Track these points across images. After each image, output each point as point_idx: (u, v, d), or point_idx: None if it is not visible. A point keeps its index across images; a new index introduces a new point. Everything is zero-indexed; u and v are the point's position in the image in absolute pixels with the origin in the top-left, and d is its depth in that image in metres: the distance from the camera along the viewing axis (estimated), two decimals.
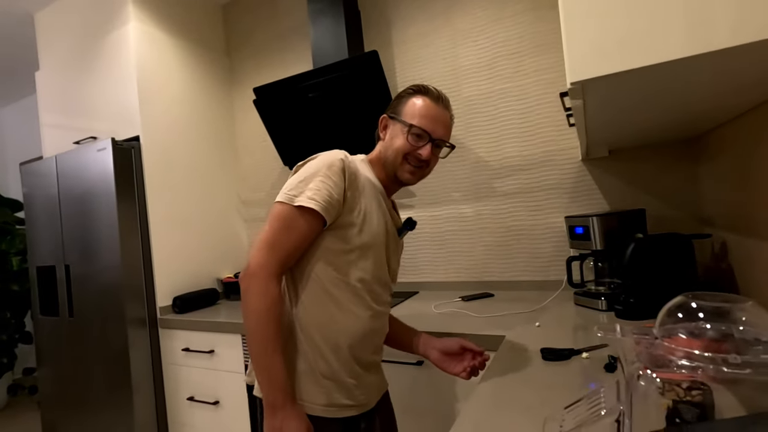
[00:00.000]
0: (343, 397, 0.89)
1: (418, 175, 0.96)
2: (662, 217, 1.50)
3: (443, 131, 0.95)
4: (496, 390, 0.86)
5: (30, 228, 2.22)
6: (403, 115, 0.94)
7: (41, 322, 2.20)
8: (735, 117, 1.05)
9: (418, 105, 0.93)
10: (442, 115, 0.94)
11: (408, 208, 1.98)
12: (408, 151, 0.92)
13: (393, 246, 0.99)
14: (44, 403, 2.23)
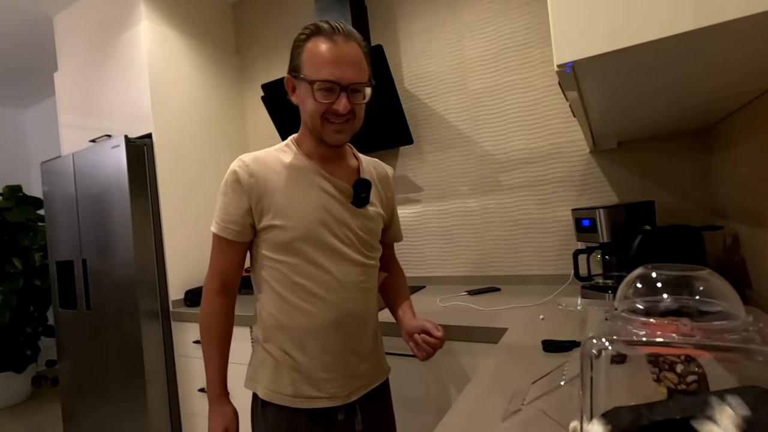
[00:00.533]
0: (312, 389, 0.87)
1: (347, 130, 0.85)
2: (673, 209, 1.46)
3: (354, 72, 0.79)
4: (493, 379, 0.85)
5: (49, 224, 2.30)
6: (303, 71, 0.80)
7: (61, 315, 2.28)
8: (744, 104, 1.02)
9: (315, 52, 0.79)
10: (347, 54, 0.79)
11: (415, 202, 1.98)
12: (323, 111, 0.81)
13: (349, 217, 0.88)
14: (64, 394, 2.31)
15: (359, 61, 0.81)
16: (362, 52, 0.83)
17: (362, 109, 0.86)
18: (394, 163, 2.02)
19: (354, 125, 0.86)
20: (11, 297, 3.02)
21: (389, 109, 1.80)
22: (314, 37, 0.80)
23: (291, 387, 0.87)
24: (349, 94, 0.80)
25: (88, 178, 2.08)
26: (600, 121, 1.11)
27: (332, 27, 0.79)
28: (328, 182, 0.88)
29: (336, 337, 0.88)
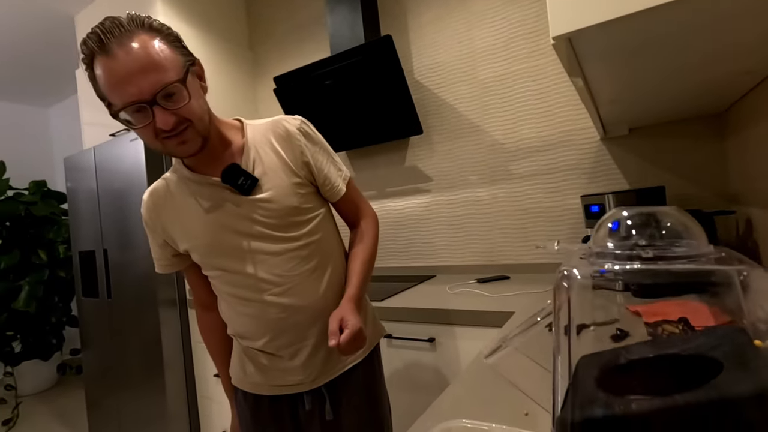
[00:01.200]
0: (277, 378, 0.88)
1: (190, 137, 0.72)
2: (686, 195, 1.44)
3: (149, 81, 0.64)
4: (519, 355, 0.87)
5: (73, 217, 2.39)
6: (109, 101, 0.68)
7: (84, 303, 2.37)
8: (756, 84, 1.01)
9: (102, 79, 0.65)
10: (129, 64, 0.63)
11: (424, 192, 1.99)
12: (151, 136, 0.69)
13: (248, 209, 0.81)
14: (87, 380, 2.40)
15: (150, 62, 0.65)
16: (151, 49, 0.66)
17: (191, 103, 0.70)
18: (404, 153, 2.04)
19: (197, 125, 0.73)
20: (37, 288, 3.14)
21: (398, 100, 1.81)
22: (94, 60, 0.66)
23: (256, 375, 0.90)
24: (162, 105, 0.66)
25: (108, 172, 2.15)
26: (609, 106, 1.11)
27: (102, 36, 0.64)
28: (201, 186, 0.82)
29: (287, 330, 0.84)
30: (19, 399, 3.21)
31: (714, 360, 0.25)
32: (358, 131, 1.99)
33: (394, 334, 1.42)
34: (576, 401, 0.27)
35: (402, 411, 1.43)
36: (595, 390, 0.27)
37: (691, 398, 0.22)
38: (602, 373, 0.29)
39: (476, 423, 0.47)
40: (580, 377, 0.30)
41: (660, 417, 0.22)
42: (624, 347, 0.31)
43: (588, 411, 0.25)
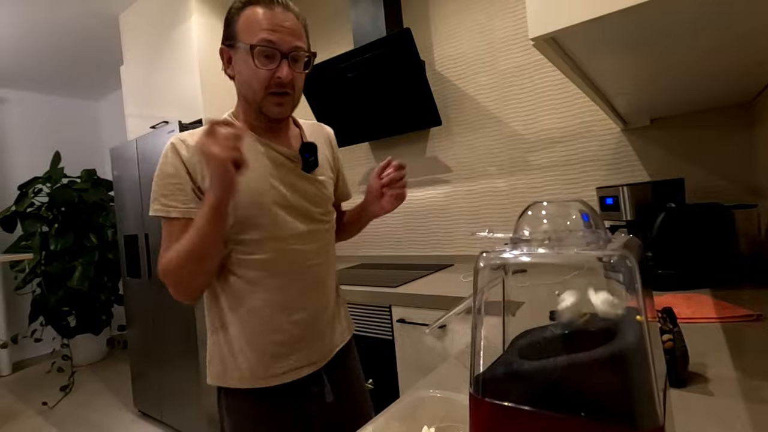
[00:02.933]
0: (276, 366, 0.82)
1: (288, 103, 0.81)
2: (708, 188, 1.40)
3: (294, 39, 0.77)
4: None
5: (118, 203, 2.59)
6: (239, 38, 0.77)
7: (129, 283, 2.57)
8: None
9: (252, 18, 0.76)
10: (286, 20, 0.76)
11: (443, 183, 2.02)
12: (264, 79, 0.76)
13: (300, 183, 0.86)
14: (132, 354, 2.62)
15: (299, 30, 0.79)
16: (301, 25, 0.80)
17: (302, 79, 0.82)
18: (424, 144, 2.07)
19: (295, 98, 0.82)
20: (89, 268, 3.42)
21: (418, 91, 1.84)
22: (250, 6, 0.77)
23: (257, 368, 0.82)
24: (290, 62, 0.77)
25: (148, 162, 2.32)
26: (620, 98, 1.10)
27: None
28: (275, 151, 0.84)
29: (302, 305, 0.85)
30: (74, 368, 3.53)
31: (613, 333, 0.29)
32: (379, 122, 2.04)
33: (406, 320, 1.48)
34: (494, 365, 0.31)
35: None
36: (513, 356, 0.31)
37: (565, 361, 0.26)
38: (528, 344, 0.34)
39: (447, 393, 0.52)
40: (511, 348, 0.34)
41: (541, 372, 0.26)
42: (556, 324, 0.35)
43: (494, 371, 0.30)
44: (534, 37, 0.57)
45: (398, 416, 0.50)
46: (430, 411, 0.53)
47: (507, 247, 0.34)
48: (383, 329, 1.56)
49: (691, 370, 0.63)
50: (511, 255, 0.33)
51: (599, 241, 0.30)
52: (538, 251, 0.32)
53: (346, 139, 2.17)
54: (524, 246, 0.33)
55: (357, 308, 1.63)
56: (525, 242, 0.33)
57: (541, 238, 0.32)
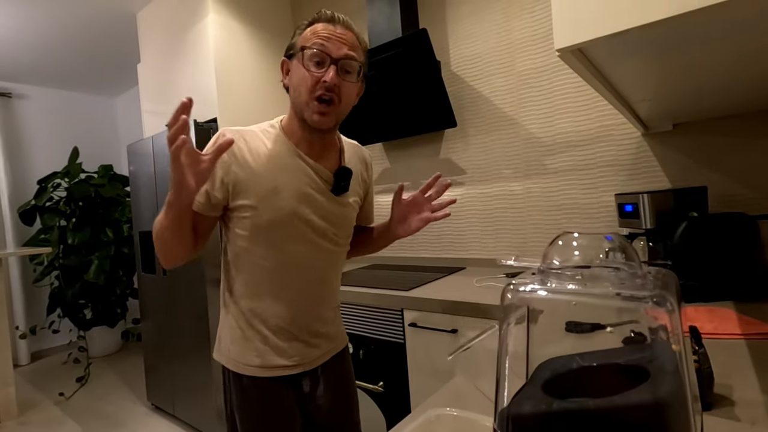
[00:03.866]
0: (279, 358, 0.88)
1: (331, 113, 0.81)
2: (732, 197, 1.36)
3: (346, 48, 0.80)
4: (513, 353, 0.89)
5: (134, 199, 2.62)
6: (296, 47, 0.82)
7: (143, 278, 2.61)
8: None
9: (312, 30, 0.81)
10: (342, 34, 0.80)
11: (458, 185, 2.00)
12: (311, 83, 0.78)
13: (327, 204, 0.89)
14: (146, 347, 2.66)
15: (354, 44, 0.81)
16: (358, 43, 0.83)
17: (351, 91, 0.82)
18: (438, 146, 2.05)
19: (339, 110, 0.82)
20: (105, 262, 3.48)
21: (433, 92, 1.82)
22: (316, 23, 0.82)
23: (258, 358, 0.88)
24: (338, 70, 0.79)
25: (164, 158, 2.34)
26: (643, 104, 1.07)
27: (331, 14, 0.82)
28: (309, 167, 0.86)
29: (302, 309, 0.90)
30: (90, 360, 3.60)
31: (645, 370, 0.28)
32: (394, 123, 2.03)
33: (418, 324, 1.47)
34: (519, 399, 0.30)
35: (423, 397, 1.49)
36: (537, 390, 0.30)
37: (602, 404, 0.25)
38: (552, 376, 0.33)
39: (463, 412, 0.51)
40: (534, 378, 0.33)
41: (573, 416, 0.25)
42: (579, 354, 0.34)
43: (521, 407, 0.29)
44: (560, 48, 0.56)
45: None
46: (444, 429, 0.52)
47: (535, 277, 0.33)
48: (394, 332, 1.55)
49: (716, 392, 0.62)
50: (543, 293, 0.31)
51: (635, 278, 0.29)
52: (569, 287, 0.31)
53: (359, 139, 2.16)
54: (554, 279, 0.32)
55: (368, 310, 1.62)
56: (555, 274, 0.32)
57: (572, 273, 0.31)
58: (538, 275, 0.33)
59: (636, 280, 0.29)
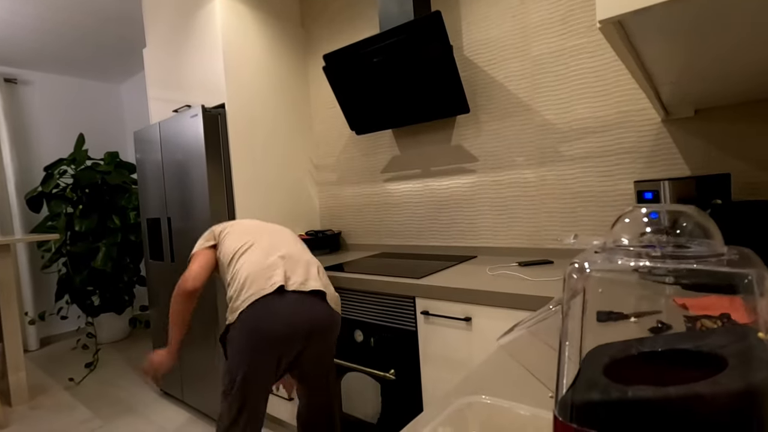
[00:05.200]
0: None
1: None
2: (756, 185, 1.33)
3: None
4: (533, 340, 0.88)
5: (141, 186, 2.61)
6: None
7: (151, 265, 2.61)
8: None
9: None
10: None
11: (470, 172, 1.97)
12: None
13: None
14: (154, 334, 2.67)
15: None
16: None
17: None
18: (450, 132, 2.02)
19: None
20: (112, 249, 3.49)
21: (446, 77, 1.78)
22: None
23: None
24: None
25: (171, 145, 2.32)
26: (669, 87, 1.03)
27: None
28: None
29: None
30: (98, 346, 3.63)
31: (720, 357, 0.26)
32: (404, 109, 1.99)
33: (431, 312, 1.46)
34: (580, 386, 0.28)
35: (434, 385, 1.48)
36: (599, 376, 0.28)
37: (684, 391, 0.23)
38: (611, 362, 0.31)
39: (496, 400, 0.50)
40: (589, 364, 0.31)
41: (651, 406, 0.23)
42: (638, 339, 0.32)
43: (587, 395, 0.27)
44: (602, 19, 0.53)
45: (448, 422, 0.48)
46: (477, 417, 0.50)
47: (601, 255, 0.31)
48: (406, 320, 1.54)
49: None
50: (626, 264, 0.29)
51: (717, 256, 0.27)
52: (643, 264, 0.28)
53: (368, 125, 2.14)
54: (623, 257, 0.29)
55: (380, 298, 1.61)
56: (625, 252, 0.29)
57: (645, 251, 0.29)
58: (604, 253, 0.31)
59: (721, 258, 0.27)
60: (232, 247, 1.45)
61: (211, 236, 1.56)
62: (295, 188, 2.54)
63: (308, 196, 2.62)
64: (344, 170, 2.48)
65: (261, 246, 1.44)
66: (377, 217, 2.36)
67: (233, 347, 1.28)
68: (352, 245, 2.50)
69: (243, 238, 1.47)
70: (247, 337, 1.26)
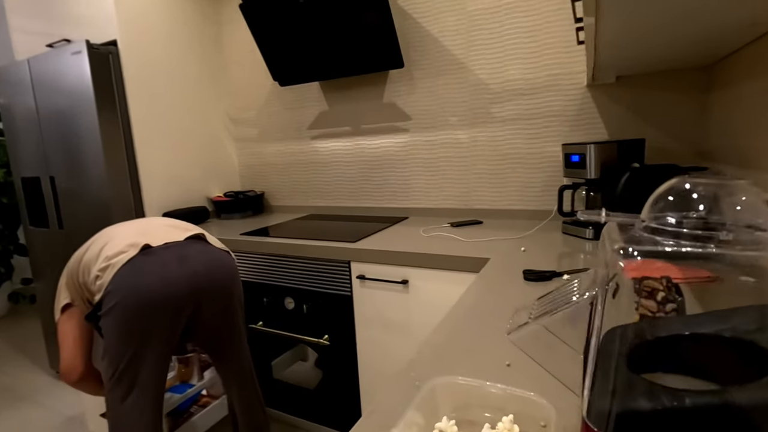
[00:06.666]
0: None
1: None
2: (663, 149, 1.46)
3: None
4: (476, 303, 0.88)
5: (10, 138, 2.14)
6: None
7: (32, 233, 2.21)
8: (754, 39, 0.97)
9: None
10: None
11: (402, 131, 1.91)
12: None
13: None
14: (41, 310, 2.31)
15: None
16: None
17: None
18: (383, 88, 1.92)
19: None
20: None
21: (379, 26, 1.66)
22: None
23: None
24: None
25: (47, 89, 1.91)
26: (608, 50, 1.05)
27: None
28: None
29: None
30: None
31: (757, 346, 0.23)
32: (334, 60, 1.84)
33: (367, 276, 1.42)
34: (608, 386, 0.24)
35: (371, 348, 1.48)
36: (631, 375, 0.24)
37: (754, 396, 0.20)
38: (632, 353, 0.27)
39: (468, 380, 0.46)
40: (608, 356, 0.28)
41: (716, 415, 0.20)
42: (646, 321, 0.29)
43: (630, 401, 0.23)
44: None
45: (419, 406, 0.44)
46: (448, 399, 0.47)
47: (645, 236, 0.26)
48: (341, 285, 1.49)
49: None
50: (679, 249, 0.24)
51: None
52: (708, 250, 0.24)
53: (294, 76, 1.94)
54: (670, 238, 0.25)
55: (313, 264, 1.53)
56: (673, 234, 0.25)
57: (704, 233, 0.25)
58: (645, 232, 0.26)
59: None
60: (94, 270, 1.11)
61: (71, 284, 1.21)
62: (210, 144, 2.28)
63: (226, 153, 2.37)
64: (266, 125, 2.27)
65: (121, 236, 1.17)
66: (304, 177, 2.22)
67: (109, 327, 1.05)
68: (278, 207, 2.35)
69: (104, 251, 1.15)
70: (122, 313, 1.03)
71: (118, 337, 1.05)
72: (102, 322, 1.06)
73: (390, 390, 0.56)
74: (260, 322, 1.71)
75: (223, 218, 2.21)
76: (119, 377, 1.05)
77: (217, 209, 2.22)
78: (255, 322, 1.71)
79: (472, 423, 0.47)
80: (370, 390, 1.52)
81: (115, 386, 1.06)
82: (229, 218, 2.20)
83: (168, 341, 1.10)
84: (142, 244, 1.10)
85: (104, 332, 1.07)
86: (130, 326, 1.04)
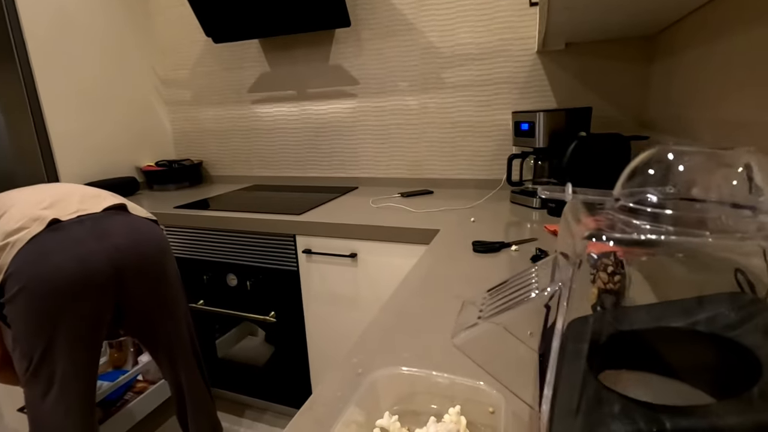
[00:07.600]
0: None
1: None
2: (607, 118, 1.48)
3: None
4: (425, 278, 0.84)
5: None
6: None
7: None
8: (693, 10, 0.97)
9: None
10: None
11: (350, 96, 1.81)
12: None
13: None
14: None
15: None
16: None
17: None
18: (328, 48, 1.79)
19: None
20: None
21: None
22: None
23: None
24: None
25: None
26: (562, 13, 1.01)
27: None
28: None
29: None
30: None
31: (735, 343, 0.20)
32: (274, 14, 1.67)
33: (314, 249, 1.35)
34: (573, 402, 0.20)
35: (322, 324, 1.43)
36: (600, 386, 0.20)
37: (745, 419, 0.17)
38: (592, 354, 0.23)
39: (413, 370, 0.42)
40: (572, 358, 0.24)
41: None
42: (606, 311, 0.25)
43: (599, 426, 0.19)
44: None
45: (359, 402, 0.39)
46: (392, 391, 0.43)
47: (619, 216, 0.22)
48: (286, 260, 1.41)
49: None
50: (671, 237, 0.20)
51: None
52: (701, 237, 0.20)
53: (229, 32, 1.76)
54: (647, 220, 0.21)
55: (256, 238, 1.43)
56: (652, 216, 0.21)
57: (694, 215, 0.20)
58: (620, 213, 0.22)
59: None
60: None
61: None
62: (138, 107, 2.05)
63: (157, 117, 2.15)
64: (201, 87, 2.07)
65: (22, 204, 1.01)
66: (246, 145, 2.07)
67: (14, 316, 0.92)
68: (217, 177, 2.19)
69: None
70: (29, 299, 0.91)
71: (26, 327, 0.91)
72: (6, 310, 0.92)
73: (331, 379, 0.51)
74: (201, 300, 1.60)
75: (156, 190, 2.02)
76: (34, 371, 0.93)
77: (148, 180, 2.03)
78: (195, 301, 1.60)
79: (417, 413, 0.43)
80: (319, 367, 1.48)
81: (31, 381, 0.93)
82: (162, 190, 2.02)
83: (93, 328, 0.97)
84: (49, 219, 0.96)
85: (10, 322, 0.93)
86: (39, 314, 0.91)
